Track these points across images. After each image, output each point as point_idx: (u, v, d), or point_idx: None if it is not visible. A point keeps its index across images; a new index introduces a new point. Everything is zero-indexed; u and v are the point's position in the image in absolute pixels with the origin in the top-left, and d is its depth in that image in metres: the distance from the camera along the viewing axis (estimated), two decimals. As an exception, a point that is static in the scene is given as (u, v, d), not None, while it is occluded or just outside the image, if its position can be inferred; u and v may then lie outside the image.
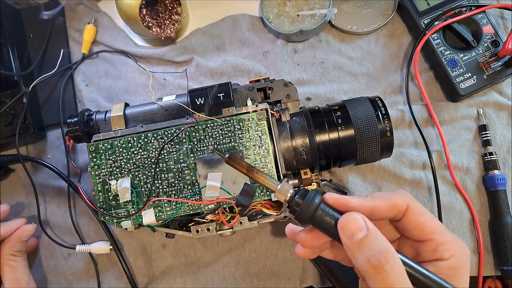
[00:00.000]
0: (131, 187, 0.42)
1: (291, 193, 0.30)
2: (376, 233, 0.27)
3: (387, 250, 0.26)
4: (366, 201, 0.29)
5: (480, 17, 0.53)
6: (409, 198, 0.29)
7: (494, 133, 0.52)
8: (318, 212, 0.28)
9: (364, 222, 0.27)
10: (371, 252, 0.26)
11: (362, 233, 0.26)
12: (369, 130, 0.42)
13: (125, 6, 0.54)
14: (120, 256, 0.49)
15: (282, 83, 0.46)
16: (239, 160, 0.33)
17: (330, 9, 0.55)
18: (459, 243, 0.28)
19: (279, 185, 0.31)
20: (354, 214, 0.27)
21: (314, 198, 0.29)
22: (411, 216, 0.29)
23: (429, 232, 0.28)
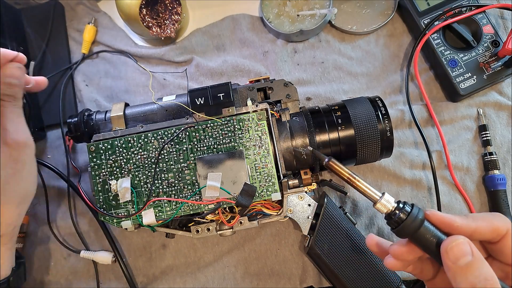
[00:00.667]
0: (131, 187, 0.42)
1: (394, 206, 0.30)
2: (482, 259, 0.27)
3: (492, 278, 0.26)
4: (469, 222, 0.29)
5: (480, 17, 0.53)
6: (509, 222, 0.29)
7: (494, 133, 0.52)
8: (421, 230, 0.29)
9: (470, 247, 0.27)
10: (476, 279, 0.26)
11: (467, 258, 0.27)
12: (369, 130, 0.42)
13: (125, 6, 0.54)
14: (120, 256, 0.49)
15: (282, 83, 0.46)
16: (340, 165, 0.33)
17: (330, 9, 0.55)
18: None
19: (382, 197, 0.31)
20: (460, 239, 0.28)
21: (418, 215, 0.29)
22: (509, 241, 0.29)
23: None
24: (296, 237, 0.50)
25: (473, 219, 0.29)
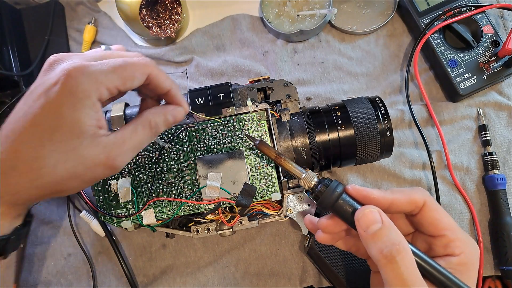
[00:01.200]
0: (131, 187, 0.42)
1: (316, 181, 0.33)
2: (390, 226, 0.29)
3: (399, 243, 0.27)
4: (387, 194, 0.31)
5: (480, 17, 0.53)
6: (427, 194, 0.31)
7: (494, 133, 0.52)
8: (339, 201, 0.31)
9: (380, 215, 0.29)
10: (383, 244, 0.28)
11: (377, 226, 0.28)
12: (369, 130, 0.42)
13: (125, 6, 0.54)
14: (120, 256, 0.49)
15: (282, 83, 0.46)
16: (269, 146, 0.36)
17: (330, 9, 0.55)
18: (470, 242, 0.30)
19: (304, 173, 0.34)
20: (370, 208, 0.29)
21: (337, 188, 0.32)
22: (427, 212, 0.30)
23: (442, 228, 0.30)
24: (296, 237, 0.50)
25: (391, 192, 0.31)
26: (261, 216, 0.45)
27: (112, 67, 0.31)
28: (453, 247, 0.29)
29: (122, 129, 0.33)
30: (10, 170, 0.29)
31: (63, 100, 0.29)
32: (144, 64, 0.33)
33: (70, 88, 0.29)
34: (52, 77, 0.30)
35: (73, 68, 0.29)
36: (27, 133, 0.29)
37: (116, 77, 0.31)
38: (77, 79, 0.29)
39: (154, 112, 0.35)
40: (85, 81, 0.29)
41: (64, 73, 0.29)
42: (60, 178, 0.30)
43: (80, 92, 0.29)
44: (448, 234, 0.30)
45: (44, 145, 0.29)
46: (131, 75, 0.32)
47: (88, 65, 0.30)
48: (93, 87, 0.30)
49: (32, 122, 0.29)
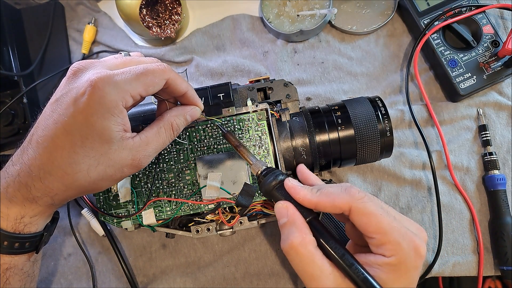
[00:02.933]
0: (131, 187, 0.42)
1: (262, 169, 0.36)
2: (293, 223, 0.32)
3: (293, 239, 0.31)
4: (312, 196, 0.33)
5: (480, 17, 0.53)
6: (355, 198, 0.31)
7: (494, 133, 0.52)
8: (273, 191, 0.35)
9: (287, 211, 0.33)
10: (284, 236, 0.32)
11: (283, 220, 0.33)
12: (369, 130, 0.42)
13: (125, 6, 0.54)
14: (120, 256, 0.49)
15: (282, 83, 0.46)
16: (233, 136, 0.39)
17: (330, 9, 0.55)
18: (407, 246, 0.30)
19: (254, 161, 0.37)
20: (282, 203, 0.34)
21: (276, 178, 0.35)
22: (355, 216, 0.31)
23: (372, 232, 0.31)
24: (296, 237, 0.50)
25: (319, 194, 0.33)
26: (261, 216, 0.45)
27: (135, 75, 0.33)
28: (383, 249, 0.30)
29: (146, 131, 0.35)
30: (47, 175, 0.32)
31: (92, 110, 0.31)
32: (163, 70, 0.35)
33: (98, 98, 0.31)
34: (79, 86, 0.31)
35: (99, 79, 0.31)
36: (60, 140, 0.31)
37: (139, 84, 0.33)
38: (104, 89, 0.31)
39: (175, 115, 0.37)
40: (111, 91, 0.31)
41: (90, 83, 0.31)
42: (93, 180, 0.33)
43: (107, 102, 0.31)
44: (378, 237, 0.30)
45: (77, 151, 0.31)
46: (152, 82, 0.34)
47: (113, 75, 0.32)
48: (119, 96, 0.32)
49: (63, 130, 0.31)
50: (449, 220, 0.50)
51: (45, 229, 0.37)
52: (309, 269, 0.30)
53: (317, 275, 0.30)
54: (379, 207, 0.31)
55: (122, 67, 0.34)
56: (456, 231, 0.50)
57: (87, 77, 0.32)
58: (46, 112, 0.33)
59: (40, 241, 0.37)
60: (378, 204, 0.32)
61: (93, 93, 0.31)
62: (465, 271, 0.49)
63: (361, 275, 0.29)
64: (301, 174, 0.41)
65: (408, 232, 0.31)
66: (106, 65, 0.34)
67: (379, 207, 0.31)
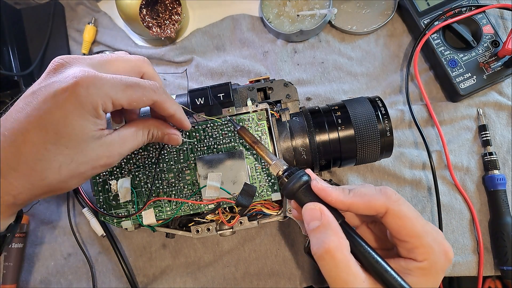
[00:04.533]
0: (131, 187, 0.42)
1: (283, 169, 0.35)
2: (328, 227, 0.30)
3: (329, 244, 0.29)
4: (345, 198, 0.31)
5: (480, 17, 0.53)
6: (392, 200, 0.30)
7: (494, 133, 0.52)
8: (299, 192, 0.33)
9: (321, 214, 0.31)
10: (317, 241, 0.30)
11: (314, 224, 0.30)
12: (369, 130, 0.42)
13: (125, 6, 0.54)
14: (120, 256, 0.49)
15: (282, 83, 0.46)
16: (248, 132, 0.38)
17: (330, 9, 0.55)
18: (439, 250, 0.30)
19: (275, 160, 0.36)
20: (311, 205, 0.31)
21: (300, 179, 0.33)
22: (389, 219, 0.30)
23: (406, 235, 0.30)
24: (296, 237, 0.50)
25: (353, 195, 0.31)
26: (261, 216, 0.45)
27: (123, 85, 0.31)
28: (416, 253, 0.29)
29: (124, 129, 0.34)
30: (11, 170, 0.29)
31: (71, 109, 0.29)
32: (153, 91, 0.33)
33: (79, 98, 0.29)
34: (61, 81, 0.30)
35: (85, 77, 0.30)
36: (31, 135, 0.29)
37: (124, 96, 0.32)
38: (87, 89, 0.29)
39: (156, 126, 0.36)
40: (94, 93, 0.30)
41: (74, 80, 0.29)
42: (63, 179, 0.31)
43: (89, 103, 0.30)
44: (411, 241, 0.30)
45: (48, 148, 0.29)
46: (138, 98, 0.32)
47: (99, 77, 0.30)
48: (101, 100, 0.30)
49: (37, 125, 0.29)
50: (449, 220, 0.50)
51: (8, 229, 0.34)
52: (344, 276, 0.28)
53: (351, 281, 0.28)
54: (412, 210, 0.31)
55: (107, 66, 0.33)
56: (456, 231, 0.50)
57: (71, 73, 0.30)
58: (19, 105, 0.30)
59: (3, 243, 0.34)
60: (411, 208, 0.31)
61: (76, 91, 0.29)
62: (465, 271, 0.49)
63: (397, 282, 0.28)
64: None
65: (439, 236, 0.30)
66: (91, 63, 0.32)
67: (413, 210, 0.31)
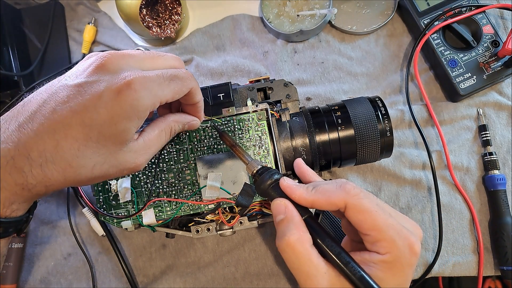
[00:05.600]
0: (131, 187, 0.42)
1: (258, 168, 0.37)
2: (290, 221, 0.32)
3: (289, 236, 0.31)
4: (308, 195, 0.33)
5: (480, 17, 0.53)
6: (351, 195, 0.31)
7: (494, 133, 0.52)
8: (269, 190, 0.35)
9: (285, 208, 0.33)
10: (280, 233, 0.32)
11: (279, 217, 0.33)
12: (369, 130, 0.42)
13: (125, 6, 0.54)
14: (120, 256, 0.49)
15: (282, 83, 0.46)
16: (228, 136, 0.40)
17: (330, 9, 0.55)
18: (402, 244, 0.30)
19: (250, 161, 0.37)
20: (278, 200, 0.34)
21: (271, 177, 0.35)
22: (350, 213, 0.31)
23: (367, 229, 0.31)
24: (296, 237, 0.50)
25: (315, 192, 0.33)
26: (261, 216, 0.45)
27: (167, 81, 0.32)
28: (378, 246, 0.30)
29: (148, 133, 0.34)
30: (49, 163, 0.28)
31: (121, 110, 0.29)
32: (189, 78, 0.34)
33: (131, 100, 0.29)
34: (112, 82, 0.29)
35: (137, 80, 0.30)
36: (73, 131, 0.28)
37: (169, 90, 0.32)
38: (139, 92, 0.30)
39: (176, 120, 0.37)
40: (145, 96, 0.30)
41: (126, 82, 0.29)
42: (94, 177, 0.31)
43: (140, 105, 0.30)
44: (373, 234, 0.30)
45: (88, 146, 0.29)
46: (180, 89, 0.34)
47: (149, 78, 0.31)
48: (151, 101, 0.31)
49: (81, 121, 0.28)
50: (449, 220, 0.50)
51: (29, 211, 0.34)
52: (305, 268, 0.30)
53: (312, 274, 0.30)
54: (374, 203, 0.31)
55: (149, 63, 0.33)
56: (456, 231, 0.50)
57: (123, 74, 0.30)
58: (60, 94, 0.29)
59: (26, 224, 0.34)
60: (373, 201, 0.31)
61: (128, 94, 0.29)
62: (465, 271, 0.49)
63: (357, 273, 0.29)
64: (298, 169, 0.40)
65: (403, 229, 0.31)
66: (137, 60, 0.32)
67: (374, 204, 0.31)
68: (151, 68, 0.33)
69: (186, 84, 0.34)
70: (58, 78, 0.31)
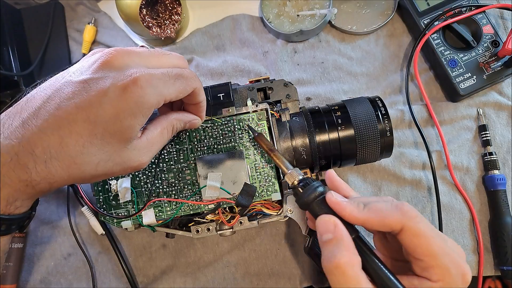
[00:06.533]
0: (131, 187, 0.42)
1: (299, 179, 0.34)
2: (340, 241, 0.29)
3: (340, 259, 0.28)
4: (359, 214, 0.30)
5: (480, 17, 0.53)
6: (408, 217, 0.29)
7: (494, 133, 0.52)
8: (314, 204, 0.32)
9: (334, 227, 0.30)
10: (327, 254, 0.29)
11: (327, 236, 0.30)
12: (369, 130, 0.42)
13: (125, 6, 0.54)
14: (120, 256, 0.49)
15: (282, 83, 0.46)
16: (265, 139, 0.38)
17: (330, 9, 0.55)
18: (455, 272, 0.28)
19: (291, 170, 0.35)
20: (326, 218, 0.31)
21: (315, 190, 0.32)
22: (405, 236, 0.29)
23: (421, 254, 0.29)
24: (296, 237, 0.50)
25: (368, 210, 0.30)
26: (261, 216, 0.45)
27: (172, 80, 0.32)
28: (431, 273, 0.28)
29: (150, 131, 0.34)
30: (53, 159, 0.28)
31: (125, 108, 0.29)
32: (193, 79, 0.34)
33: (137, 97, 0.29)
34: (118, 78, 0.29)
35: (143, 77, 0.29)
36: (78, 127, 0.28)
37: (174, 89, 0.32)
38: (144, 90, 0.29)
39: (178, 119, 0.37)
40: (150, 93, 0.30)
41: (132, 79, 0.29)
42: (97, 175, 0.30)
43: (145, 102, 0.30)
44: (427, 260, 0.28)
45: (93, 143, 0.29)
46: (184, 89, 0.33)
47: (154, 76, 0.30)
48: (156, 99, 0.31)
49: (86, 118, 0.28)
50: (449, 220, 0.50)
51: (32, 208, 0.33)
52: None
53: None
54: (430, 228, 0.29)
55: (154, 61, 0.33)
56: (456, 231, 0.50)
57: (129, 71, 0.30)
58: (65, 90, 0.29)
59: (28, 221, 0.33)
60: (429, 225, 0.30)
61: (134, 91, 0.29)
62: (465, 271, 0.49)
63: None
64: (330, 182, 0.36)
65: (457, 258, 0.29)
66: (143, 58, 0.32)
67: (430, 228, 0.29)
68: (156, 66, 0.33)
69: (190, 83, 0.34)
70: (61, 73, 0.31)
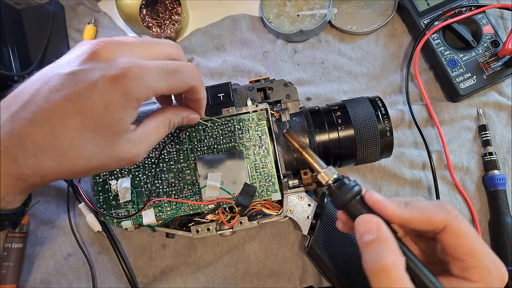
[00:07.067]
0: (131, 187, 0.42)
1: (334, 178, 0.32)
2: (384, 242, 0.27)
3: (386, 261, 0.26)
4: (403, 212, 0.29)
5: (480, 17, 0.53)
6: (451, 216, 0.28)
7: (494, 133, 0.52)
8: (351, 203, 0.30)
9: (377, 227, 0.28)
10: (370, 256, 0.27)
11: (369, 237, 0.28)
12: (369, 130, 0.42)
13: (125, 6, 0.54)
14: (120, 256, 0.49)
15: (282, 83, 0.46)
16: (295, 136, 0.36)
17: (330, 9, 0.55)
18: (495, 272, 0.28)
19: (324, 168, 0.33)
20: (367, 217, 0.29)
21: (352, 189, 0.30)
22: (447, 235, 0.29)
23: (463, 254, 0.28)
24: (296, 237, 0.50)
25: (410, 209, 0.29)
26: (261, 216, 0.45)
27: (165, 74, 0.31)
28: (471, 273, 0.28)
29: (146, 125, 0.33)
30: (44, 152, 0.28)
31: (115, 99, 0.28)
32: (192, 77, 0.33)
33: (125, 89, 0.29)
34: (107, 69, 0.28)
35: (132, 68, 0.29)
36: (69, 119, 0.28)
37: (166, 85, 0.31)
38: (134, 81, 0.29)
39: (175, 113, 0.36)
40: (140, 85, 0.29)
41: (121, 71, 0.28)
42: (90, 168, 0.30)
43: (134, 95, 0.29)
44: (468, 260, 0.28)
45: (84, 135, 0.28)
46: (178, 86, 0.32)
47: (145, 68, 0.30)
48: (145, 92, 0.30)
49: (76, 110, 0.28)
50: (449, 220, 0.50)
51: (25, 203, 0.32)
52: None
53: None
54: (471, 228, 0.29)
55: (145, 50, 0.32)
56: (456, 231, 0.50)
57: (119, 62, 0.29)
58: (53, 82, 0.28)
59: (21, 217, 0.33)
60: (470, 225, 0.29)
61: (123, 82, 0.28)
62: (465, 271, 0.49)
63: None
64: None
65: (496, 258, 0.28)
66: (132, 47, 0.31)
67: (472, 229, 0.29)
68: (147, 55, 0.32)
69: (186, 80, 0.33)
70: (50, 66, 0.31)
